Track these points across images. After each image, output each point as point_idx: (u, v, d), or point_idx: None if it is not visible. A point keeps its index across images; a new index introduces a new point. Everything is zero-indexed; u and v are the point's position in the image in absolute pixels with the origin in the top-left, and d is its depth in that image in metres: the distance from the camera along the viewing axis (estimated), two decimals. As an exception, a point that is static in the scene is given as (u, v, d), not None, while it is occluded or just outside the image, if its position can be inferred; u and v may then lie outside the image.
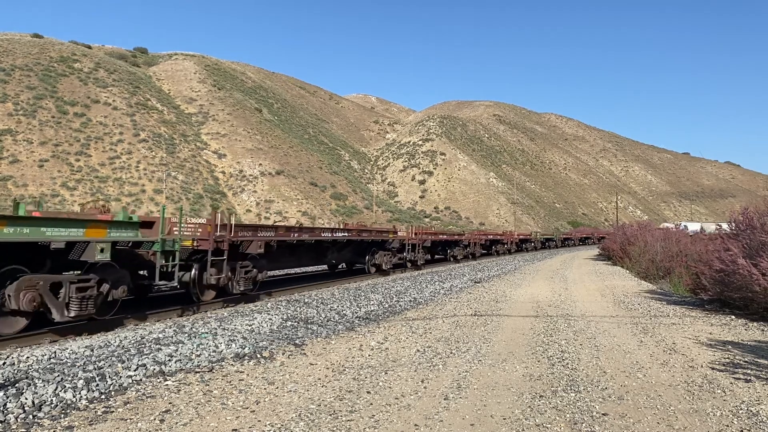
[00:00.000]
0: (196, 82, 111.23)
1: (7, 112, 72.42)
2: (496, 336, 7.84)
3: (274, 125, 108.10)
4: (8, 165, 64.82)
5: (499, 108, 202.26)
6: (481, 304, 11.41)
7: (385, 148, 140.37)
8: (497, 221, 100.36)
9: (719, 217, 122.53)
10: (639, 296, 13.41)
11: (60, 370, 5.30)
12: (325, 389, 5.12)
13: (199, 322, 8.24)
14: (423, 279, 16.74)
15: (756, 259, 9.50)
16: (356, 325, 8.69)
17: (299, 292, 12.98)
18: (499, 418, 4.43)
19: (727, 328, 8.82)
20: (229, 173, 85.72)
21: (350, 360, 6.31)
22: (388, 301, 11.59)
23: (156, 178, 73.05)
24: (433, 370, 5.86)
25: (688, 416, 4.53)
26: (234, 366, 5.96)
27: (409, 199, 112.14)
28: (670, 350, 7.06)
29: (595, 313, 10.38)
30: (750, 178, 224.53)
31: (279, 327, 8.23)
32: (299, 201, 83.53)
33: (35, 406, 4.46)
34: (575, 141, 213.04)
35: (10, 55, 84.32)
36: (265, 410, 4.52)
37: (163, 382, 5.27)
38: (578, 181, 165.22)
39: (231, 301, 10.99)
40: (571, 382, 5.46)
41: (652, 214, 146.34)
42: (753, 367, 6.20)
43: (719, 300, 11.19)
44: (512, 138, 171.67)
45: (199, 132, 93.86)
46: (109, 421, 4.24)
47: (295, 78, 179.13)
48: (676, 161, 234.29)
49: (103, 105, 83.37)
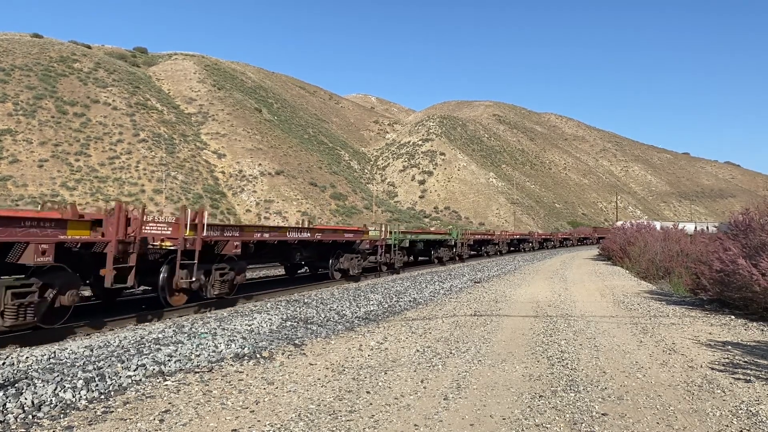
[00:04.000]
0: (196, 82, 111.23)
1: (7, 112, 72.40)
2: (495, 336, 7.84)
3: (273, 125, 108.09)
4: (8, 165, 64.78)
5: (499, 108, 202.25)
6: (480, 304, 11.41)
7: (385, 148, 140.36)
8: (497, 221, 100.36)
9: (719, 217, 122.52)
10: (639, 296, 13.40)
11: (59, 370, 5.30)
12: (324, 389, 5.12)
13: (199, 323, 8.24)
14: (423, 279, 16.74)
15: (756, 259, 9.50)
16: (356, 325, 8.68)
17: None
18: (498, 418, 4.43)
19: (726, 328, 8.82)
20: (228, 173, 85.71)
21: (350, 360, 6.31)
22: (387, 301, 11.59)
23: (156, 178, 73.03)
24: (433, 370, 5.86)
25: (688, 416, 4.53)
26: (233, 366, 5.96)
27: (409, 199, 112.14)
28: (670, 350, 7.05)
29: (594, 313, 10.38)
30: (750, 178, 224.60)
31: (278, 327, 8.22)
32: (299, 201, 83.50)
33: (35, 406, 4.45)
34: (575, 141, 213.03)
35: (9, 55, 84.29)
36: (265, 410, 4.52)
37: (163, 383, 5.27)
38: (578, 181, 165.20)
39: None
40: (570, 382, 5.45)
41: (651, 214, 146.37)
42: (753, 367, 6.20)
43: (719, 300, 11.19)
44: (512, 138, 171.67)
45: (198, 132, 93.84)
46: (109, 421, 4.24)
47: (294, 78, 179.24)
48: (676, 161, 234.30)
49: (103, 105, 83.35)
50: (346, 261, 15.91)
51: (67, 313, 7.63)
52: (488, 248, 33.82)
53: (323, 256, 15.52)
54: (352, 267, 16.09)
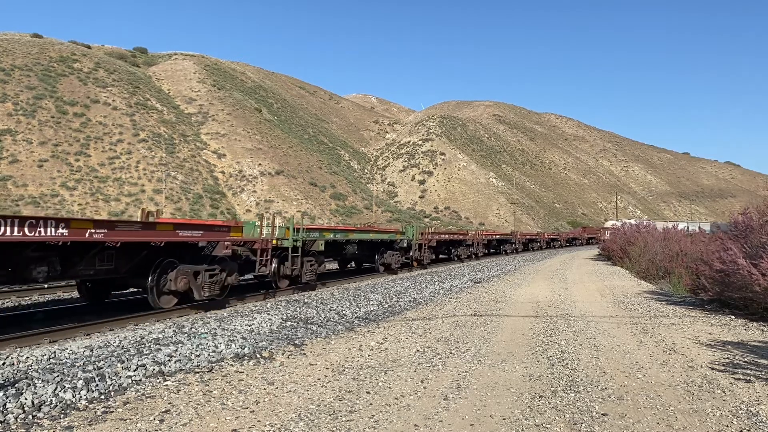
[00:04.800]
0: (196, 82, 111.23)
1: (7, 112, 72.40)
2: (495, 336, 7.84)
3: (273, 125, 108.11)
4: (8, 165, 64.78)
5: (499, 108, 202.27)
6: (480, 304, 11.41)
7: (385, 148, 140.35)
8: (497, 221, 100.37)
9: (719, 217, 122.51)
10: (639, 296, 13.40)
11: (59, 370, 5.30)
12: (324, 389, 5.12)
13: (199, 323, 8.24)
14: (423, 279, 16.73)
15: (756, 259, 9.50)
16: (356, 326, 8.68)
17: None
18: (498, 418, 4.43)
19: (726, 329, 8.82)
20: (228, 173, 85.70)
21: (350, 360, 6.31)
22: (387, 301, 11.58)
23: (156, 178, 73.02)
24: (433, 371, 5.86)
25: (688, 416, 4.53)
26: (233, 366, 5.96)
27: (409, 199, 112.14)
28: (670, 350, 7.05)
29: (594, 313, 10.38)
30: (750, 178, 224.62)
31: (279, 327, 8.22)
32: (299, 201, 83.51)
33: (35, 407, 4.45)
34: (575, 141, 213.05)
35: (9, 55, 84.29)
36: (265, 410, 4.52)
37: (163, 383, 5.27)
38: (578, 181, 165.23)
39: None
40: (570, 383, 5.45)
41: (651, 214, 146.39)
42: (753, 367, 6.20)
43: (719, 300, 11.19)
44: (512, 138, 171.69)
45: (198, 132, 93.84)
46: (109, 421, 4.24)
47: (294, 78, 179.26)
48: (676, 161, 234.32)
49: (103, 105, 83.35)
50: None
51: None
52: (460, 251, 28.09)
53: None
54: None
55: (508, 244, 38.58)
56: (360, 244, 18.15)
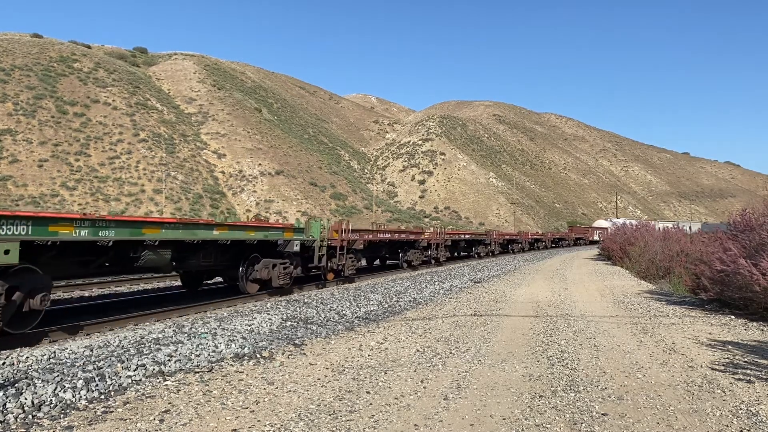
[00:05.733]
0: (196, 82, 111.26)
1: (7, 112, 72.42)
2: (495, 336, 7.84)
3: (273, 125, 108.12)
4: (8, 165, 64.81)
5: (498, 108, 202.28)
6: (480, 304, 11.41)
7: (385, 148, 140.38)
8: (497, 221, 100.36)
9: (719, 217, 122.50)
10: (639, 296, 13.41)
11: (59, 370, 5.30)
12: (324, 389, 5.12)
13: (199, 322, 8.24)
14: (423, 279, 16.74)
15: (756, 259, 9.50)
16: (356, 325, 8.69)
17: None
18: (498, 418, 4.43)
19: (726, 328, 8.82)
20: (228, 173, 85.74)
21: (350, 360, 6.31)
22: (387, 301, 11.59)
23: (155, 178, 73.04)
24: (433, 370, 5.86)
25: (688, 416, 4.53)
26: (233, 366, 5.96)
27: (409, 199, 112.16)
28: (670, 350, 7.06)
29: (594, 313, 10.38)
30: (750, 178, 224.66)
31: (278, 327, 8.22)
32: (299, 201, 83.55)
33: (35, 406, 4.45)
34: (575, 141, 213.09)
35: (9, 55, 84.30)
36: (265, 410, 4.52)
37: (163, 382, 5.27)
38: (578, 181, 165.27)
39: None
40: (570, 383, 5.45)
41: (651, 214, 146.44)
42: (753, 367, 6.20)
43: (719, 300, 11.19)
44: (512, 138, 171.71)
45: (198, 132, 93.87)
46: (109, 421, 4.24)
47: (294, 78, 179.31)
48: (676, 161, 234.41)
49: (103, 105, 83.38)
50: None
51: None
52: (410, 255, 21.41)
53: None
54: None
55: (482, 245, 32.60)
56: (219, 247, 17.11)
